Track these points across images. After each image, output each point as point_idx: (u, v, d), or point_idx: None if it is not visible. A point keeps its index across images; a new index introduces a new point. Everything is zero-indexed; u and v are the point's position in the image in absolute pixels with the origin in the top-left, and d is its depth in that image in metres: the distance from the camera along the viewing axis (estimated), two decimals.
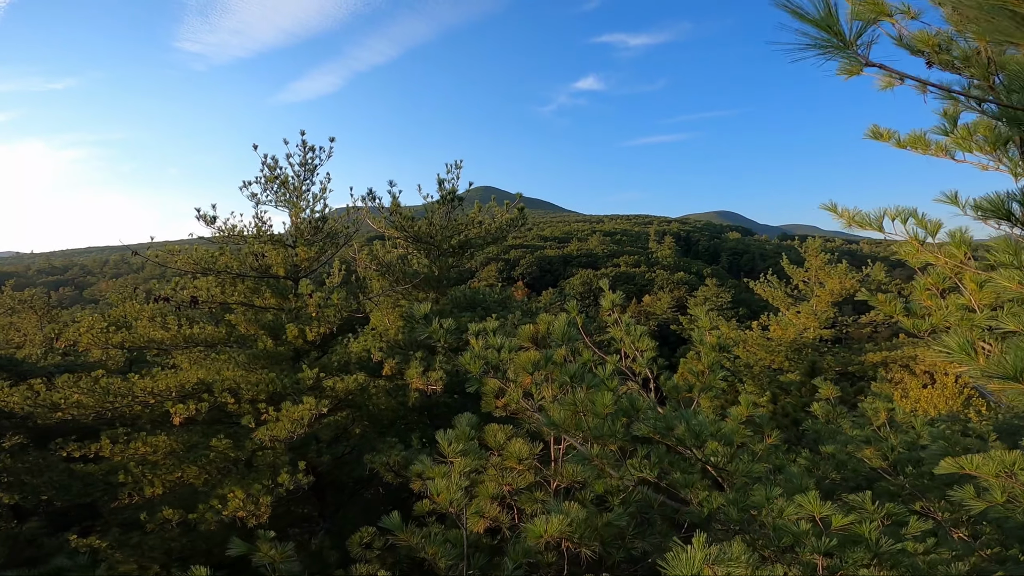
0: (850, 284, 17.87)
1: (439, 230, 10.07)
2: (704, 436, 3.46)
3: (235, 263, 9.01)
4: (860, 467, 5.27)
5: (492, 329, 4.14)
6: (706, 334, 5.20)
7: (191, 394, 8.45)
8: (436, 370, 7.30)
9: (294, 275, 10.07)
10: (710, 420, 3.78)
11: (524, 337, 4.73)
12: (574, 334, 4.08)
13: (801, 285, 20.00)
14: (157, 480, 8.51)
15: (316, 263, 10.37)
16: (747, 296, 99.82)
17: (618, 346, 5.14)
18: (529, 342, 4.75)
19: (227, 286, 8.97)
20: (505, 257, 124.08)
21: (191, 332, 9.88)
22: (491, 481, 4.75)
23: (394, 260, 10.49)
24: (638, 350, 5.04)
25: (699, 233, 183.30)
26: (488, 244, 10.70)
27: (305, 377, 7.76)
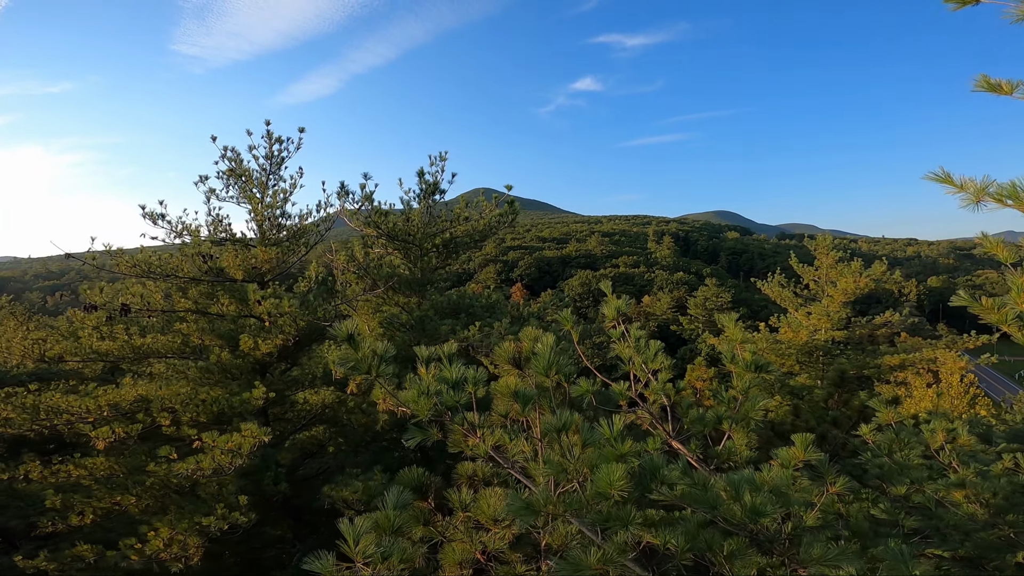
0: (864, 283, 16.80)
1: (419, 227, 9.00)
2: (766, 512, 2.37)
3: (186, 266, 7.92)
4: (949, 514, 4.19)
5: (449, 355, 3.04)
6: (738, 348, 4.11)
7: (129, 413, 7.35)
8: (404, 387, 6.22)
9: (258, 278, 8.98)
10: (769, 481, 2.71)
11: (502, 358, 3.65)
12: (565, 363, 2.99)
13: (812, 285, 18.91)
14: (87, 507, 7.43)
15: (283, 265, 9.28)
16: (747, 296, 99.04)
17: (626, 368, 4.04)
18: (509, 364, 3.67)
19: (175, 292, 7.87)
20: (503, 259, 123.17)
21: (141, 343, 8.80)
22: (459, 543, 3.66)
23: (372, 261, 9.42)
24: (651, 371, 3.94)
25: (698, 233, 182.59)
26: (476, 243, 9.63)
27: (253, 397, 6.66)
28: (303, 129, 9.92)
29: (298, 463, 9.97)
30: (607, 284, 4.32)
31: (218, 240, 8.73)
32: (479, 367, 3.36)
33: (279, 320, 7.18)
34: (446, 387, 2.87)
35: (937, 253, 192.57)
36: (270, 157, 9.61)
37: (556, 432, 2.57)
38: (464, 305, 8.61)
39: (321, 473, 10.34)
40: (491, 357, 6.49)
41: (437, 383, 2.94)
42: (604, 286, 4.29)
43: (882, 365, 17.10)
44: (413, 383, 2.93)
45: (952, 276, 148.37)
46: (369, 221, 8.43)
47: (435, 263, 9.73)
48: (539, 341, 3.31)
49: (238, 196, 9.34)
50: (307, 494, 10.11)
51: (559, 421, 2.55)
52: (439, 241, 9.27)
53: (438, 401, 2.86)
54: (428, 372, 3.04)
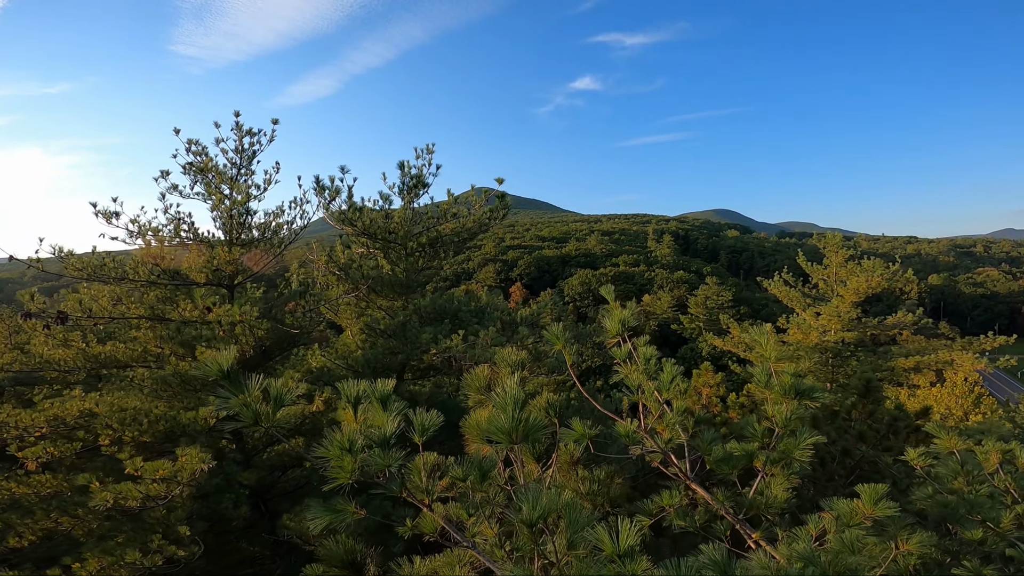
0: (876, 282, 16.01)
1: (402, 225, 8.21)
2: None
3: (141, 269, 7.13)
4: None
5: (383, 396, 2.23)
6: (773, 368, 3.32)
7: (73, 430, 6.56)
8: None
9: (223, 282, 8.20)
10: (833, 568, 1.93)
11: (474, 386, 2.86)
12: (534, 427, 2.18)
13: (821, 284, 18.10)
14: (27, 529, 6.66)
15: (255, 266, 8.49)
16: (748, 294, 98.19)
17: (633, 397, 3.24)
18: (480, 395, 2.90)
19: (126, 297, 7.08)
20: (503, 258, 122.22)
21: (99, 351, 8.02)
22: None
23: (352, 261, 8.64)
24: (664, 400, 3.15)
25: (698, 231, 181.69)
26: (465, 241, 8.84)
27: (200, 417, 5.87)
28: (276, 121, 9.13)
29: (275, 478, 9.18)
30: (609, 290, 3.52)
31: (177, 240, 7.94)
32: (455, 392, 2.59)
33: (235, 329, 6.40)
34: (377, 450, 2.07)
35: (937, 251, 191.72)
36: (240, 151, 8.82)
37: (529, 527, 1.75)
38: (450, 309, 7.82)
39: (299, 488, 9.57)
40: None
41: (368, 432, 2.14)
42: (606, 292, 3.49)
43: (896, 367, 16.32)
44: (329, 438, 2.12)
45: (953, 274, 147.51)
46: (344, 217, 7.65)
47: (421, 263, 8.94)
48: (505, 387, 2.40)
49: (205, 193, 8.55)
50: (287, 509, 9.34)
51: (531, 509, 1.73)
52: (425, 240, 8.48)
53: (367, 460, 2.05)
54: (357, 417, 2.23)
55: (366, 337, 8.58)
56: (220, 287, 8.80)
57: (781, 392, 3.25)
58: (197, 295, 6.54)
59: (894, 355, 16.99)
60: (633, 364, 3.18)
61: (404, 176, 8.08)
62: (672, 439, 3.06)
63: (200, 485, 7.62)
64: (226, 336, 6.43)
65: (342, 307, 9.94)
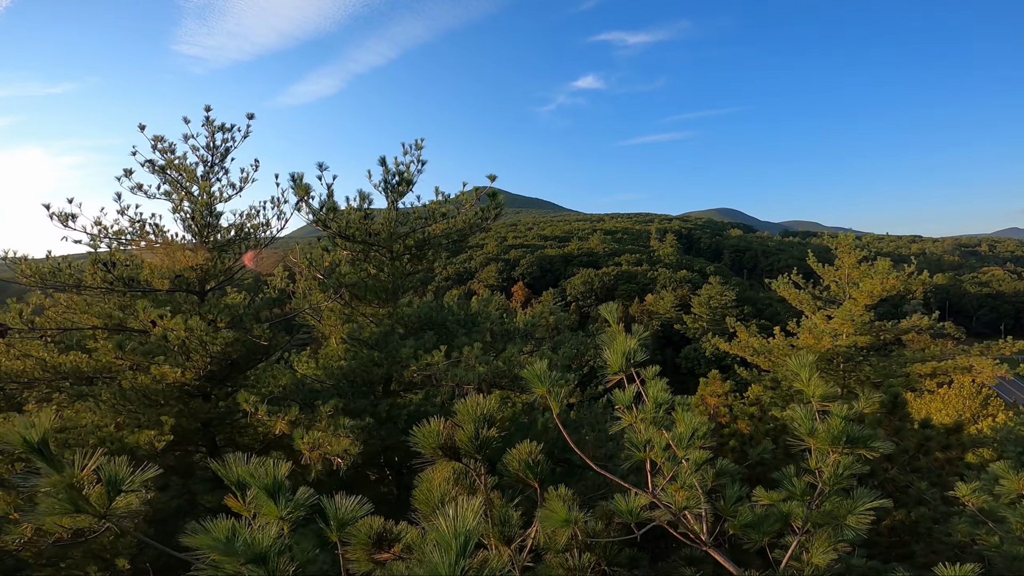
0: (891, 284, 15.30)
1: (385, 226, 7.56)
2: None
3: (98, 276, 6.50)
4: None
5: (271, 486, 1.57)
6: (816, 408, 2.66)
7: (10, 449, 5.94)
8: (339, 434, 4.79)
9: (194, 287, 7.56)
10: None
11: (429, 443, 2.21)
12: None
13: (833, 286, 17.39)
14: None
15: (220, 271, 7.85)
16: (752, 294, 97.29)
17: (639, 455, 2.57)
18: (441, 454, 2.25)
19: (79, 305, 6.45)
20: (505, 257, 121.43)
21: (59, 362, 7.40)
22: None
23: (333, 264, 8.00)
24: (680, 458, 2.48)
25: (700, 231, 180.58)
26: (456, 243, 8.18)
27: (141, 439, 5.24)
28: (252, 116, 8.50)
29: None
30: (611, 309, 2.86)
31: (144, 244, 7.30)
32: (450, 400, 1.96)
33: (188, 343, 5.76)
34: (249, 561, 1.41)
35: (942, 250, 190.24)
36: (212, 148, 8.19)
37: None
38: (436, 319, 7.16)
39: None
40: (461, 388, 5.11)
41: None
42: (607, 312, 2.83)
43: (911, 373, 15.62)
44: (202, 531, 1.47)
45: (958, 273, 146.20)
46: (317, 218, 7.01)
47: (409, 267, 8.29)
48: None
49: (173, 193, 7.93)
50: None
51: None
52: (411, 242, 7.83)
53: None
54: (246, 504, 1.58)
55: (349, 347, 7.93)
56: (191, 293, 8.18)
57: (829, 439, 2.59)
58: (140, 307, 5.90)
59: (908, 360, 16.28)
60: (640, 411, 2.52)
61: (387, 174, 7.42)
62: (688, 505, 2.40)
63: (160, 507, 7.00)
64: (179, 351, 5.79)
65: (325, 313, 9.29)
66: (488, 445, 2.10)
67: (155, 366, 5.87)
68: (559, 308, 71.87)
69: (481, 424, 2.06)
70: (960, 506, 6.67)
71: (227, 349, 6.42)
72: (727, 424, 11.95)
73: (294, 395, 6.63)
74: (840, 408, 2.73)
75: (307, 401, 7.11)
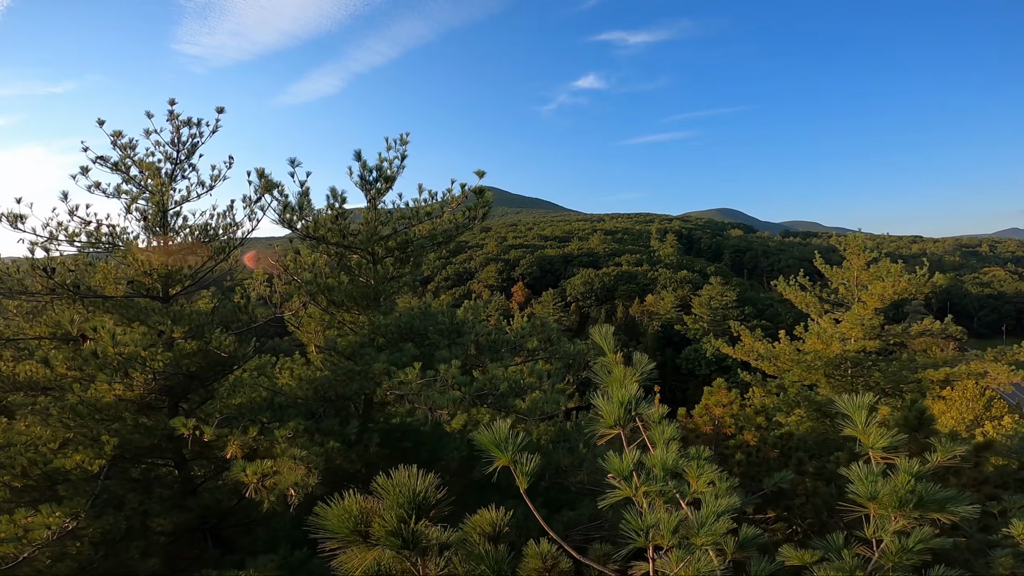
0: (903, 286, 14.67)
1: (365, 226, 6.93)
2: None
3: (41, 282, 5.88)
4: None
5: None
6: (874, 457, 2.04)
7: None
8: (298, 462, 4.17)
9: (154, 293, 6.94)
10: None
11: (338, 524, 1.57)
12: None
13: (841, 289, 16.74)
14: None
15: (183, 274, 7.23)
16: (752, 294, 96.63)
17: (639, 541, 1.92)
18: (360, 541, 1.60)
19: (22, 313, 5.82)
20: (505, 257, 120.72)
21: (16, 370, 6.78)
22: None
23: (318, 269, 7.37)
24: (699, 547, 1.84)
25: (701, 231, 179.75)
26: (442, 244, 7.54)
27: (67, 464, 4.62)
28: (222, 109, 7.88)
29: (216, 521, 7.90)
30: (607, 333, 2.24)
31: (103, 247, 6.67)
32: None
33: (125, 360, 5.13)
34: None
35: (943, 250, 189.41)
36: (177, 144, 7.56)
37: None
38: (417, 329, 6.50)
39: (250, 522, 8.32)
40: (433, 412, 4.48)
41: None
42: (600, 336, 2.21)
43: (923, 380, 14.98)
44: None
45: (959, 273, 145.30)
46: (281, 217, 6.37)
47: (392, 271, 7.66)
48: None
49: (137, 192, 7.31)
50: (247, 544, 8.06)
51: None
52: (393, 243, 7.19)
53: None
54: None
55: (326, 357, 7.31)
56: (155, 299, 7.54)
57: (894, 503, 1.96)
58: (65, 320, 5.28)
59: (920, 366, 15.64)
60: (643, 481, 1.88)
61: (364, 169, 6.78)
62: None
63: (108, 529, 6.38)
64: (117, 368, 5.17)
65: (305, 320, 8.66)
66: (419, 541, 1.49)
67: (95, 383, 5.24)
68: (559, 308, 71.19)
69: (410, 511, 1.45)
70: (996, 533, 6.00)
71: (183, 362, 5.79)
72: (732, 435, 11.30)
73: (260, 412, 5.99)
74: (909, 464, 2.11)
75: (278, 418, 6.49)
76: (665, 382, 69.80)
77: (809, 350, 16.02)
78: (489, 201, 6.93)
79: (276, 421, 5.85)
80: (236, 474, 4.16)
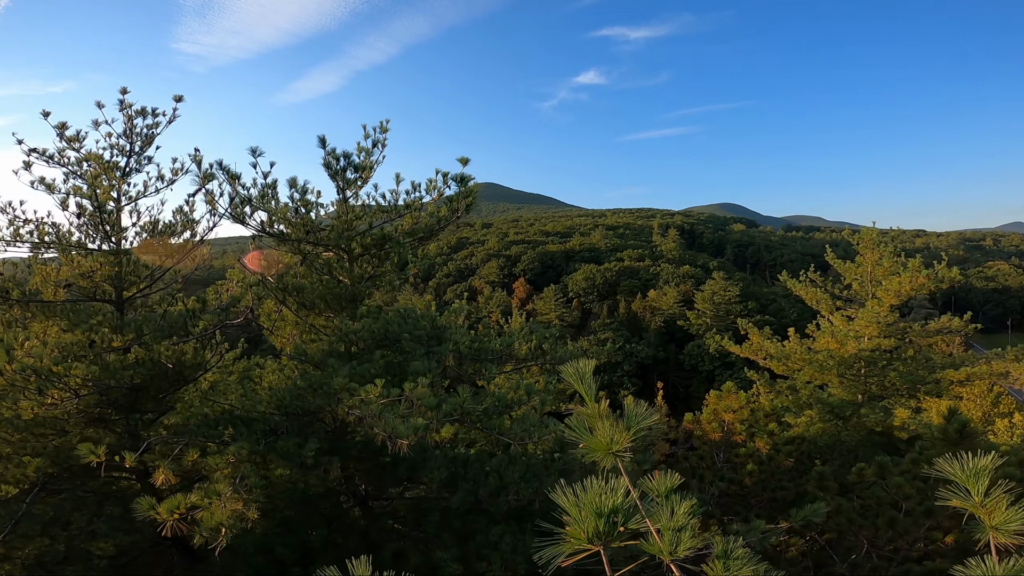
0: (921, 282, 13.89)
1: (337, 222, 6.19)
2: None
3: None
4: None
5: None
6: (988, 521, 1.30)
7: None
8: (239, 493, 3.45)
9: (107, 296, 6.22)
10: None
11: None
12: None
13: (855, 284, 15.95)
14: None
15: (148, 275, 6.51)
16: (755, 289, 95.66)
17: None
18: None
19: None
20: (506, 253, 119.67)
21: None
22: None
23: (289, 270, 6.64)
24: None
25: (703, 226, 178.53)
26: (422, 240, 6.80)
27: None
28: (180, 98, 7.15)
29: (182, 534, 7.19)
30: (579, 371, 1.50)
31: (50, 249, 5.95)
32: None
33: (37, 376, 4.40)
34: None
35: (946, 244, 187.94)
36: (130, 134, 6.82)
37: None
38: (393, 334, 5.73)
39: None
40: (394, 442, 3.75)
41: None
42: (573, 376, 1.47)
43: (942, 380, 14.22)
44: None
45: (963, 268, 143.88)
46: (233, 212, 5.62)
47: (370, 269, 6.92)
48: None
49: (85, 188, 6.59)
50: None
51: None
52: (369, 240, 6.45)
53: None
54: None
55: (296, 366, 6.58)
56: (107, 303, 6.81)
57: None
58: None
59: (938, 366, 14.87)
60: None
61: (332, 158, 6.01)
62: None
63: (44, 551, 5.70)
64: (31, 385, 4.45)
65: (278, 324, 7.93)
66: None
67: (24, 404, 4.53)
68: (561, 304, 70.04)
69: None
70: None
71: (125, 373, 5.06)
72: (743, 443, 10.57)
73: (213, 428, 5.26)
74: None
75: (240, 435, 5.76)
76: (667, 378, 69.10)
77: (821, 349, 15.26)
78: (473, 191, 6.17)
79: (237, 439, 5.12)
80: (143, 510, 3.47)
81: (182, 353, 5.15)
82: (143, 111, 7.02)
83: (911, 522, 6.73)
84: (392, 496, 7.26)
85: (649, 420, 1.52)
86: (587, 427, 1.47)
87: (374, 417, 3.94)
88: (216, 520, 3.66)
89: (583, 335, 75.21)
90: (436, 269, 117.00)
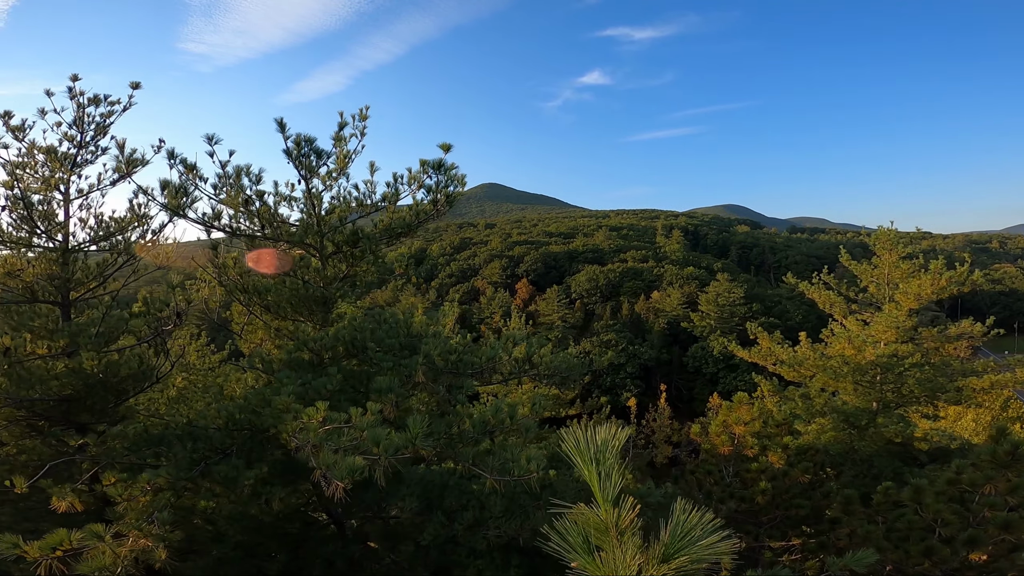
0: (943, 284, 13.12)
1: (307, 217, 5.49)
2: None
3: None
4: None
5: None
6: None
7: None
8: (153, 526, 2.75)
9: (52, 297, 5.53)
10: None
11: None
12: None
13: (872, 287, 15.15)
14: None
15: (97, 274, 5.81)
16: (760, 291, 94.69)
17: None
18: None
19: None
20: (509, 253, 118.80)
21: None
22: None
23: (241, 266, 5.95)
24: None
25: (707, 227, 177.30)
26: (399, 236, 6.08)
27: None
28: (136, 85, 6.48)
29: None
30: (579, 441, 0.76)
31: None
32: None
33: None
34: None
35: (952, 247, 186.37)
36: (81, 123, 6.13)
37: None
38: (361, 342, 4.98)
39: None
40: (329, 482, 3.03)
41: None
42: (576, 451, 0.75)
43: (964, 388, 13.43)
44: None
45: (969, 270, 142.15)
46: (168, 203, 4.90)
47: (344, 269, 6.21)
48: None
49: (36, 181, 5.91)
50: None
51: None
52: (341, 237, 5.74)
53: None
54: None
55: (257, 377, 5.87)
56: (53, 304, 6.11)
57: None
58: None
59: (959, 373, 14.08)
60: None
61: (292, 145, 5.30)
62: None
63: None
64: None
65: (248, 330, 7.21)
66: None
67: None
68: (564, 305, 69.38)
69: None
70: None
71: (51, 384, 4.36)
72: (755, 457, 9.80)
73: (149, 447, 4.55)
74: None
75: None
76: (671, 380, 68.25)
77: (835, 354, 14.47)
78: (455, 179, 5.45)
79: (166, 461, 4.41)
80: (4, 549, 2.80)
81: (116, 363, 4.46)
82: (96, 99, 6.35)
83: (950, 552, 5.96)
84: (367, 517, 6.54)
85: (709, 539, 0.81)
86: (591, 543, 0.78)
87: (314, 448, 3.21)
88: (95, 565, 2.96)
89: (586, 336, 74.40)
90: (439, 270, 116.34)
